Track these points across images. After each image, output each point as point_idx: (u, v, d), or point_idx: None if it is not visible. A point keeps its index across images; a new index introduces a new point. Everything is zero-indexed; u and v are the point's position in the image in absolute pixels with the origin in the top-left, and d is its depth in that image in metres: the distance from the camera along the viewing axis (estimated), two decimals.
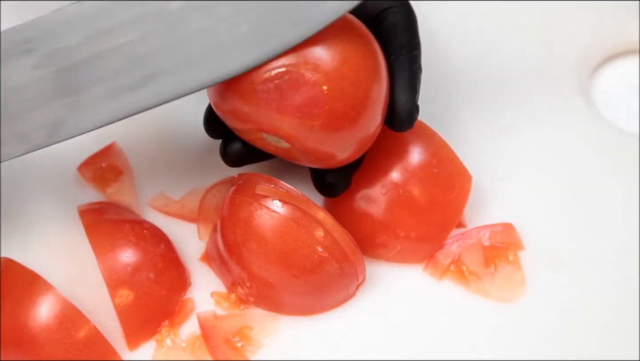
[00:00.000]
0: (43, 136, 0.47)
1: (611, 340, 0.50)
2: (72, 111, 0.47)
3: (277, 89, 0.46)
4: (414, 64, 0.50)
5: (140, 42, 0.46)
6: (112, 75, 0.46)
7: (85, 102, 0.47)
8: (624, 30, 0.63)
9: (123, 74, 0.46)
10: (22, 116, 0.47)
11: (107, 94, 0.47)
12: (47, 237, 0.54)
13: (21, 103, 0.46)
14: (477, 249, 0.53)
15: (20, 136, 0.47)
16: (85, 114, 0.47)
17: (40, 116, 0.47)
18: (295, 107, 0.46)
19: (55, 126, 0.47)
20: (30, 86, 0.46)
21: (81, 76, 0.46)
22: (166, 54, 0.46)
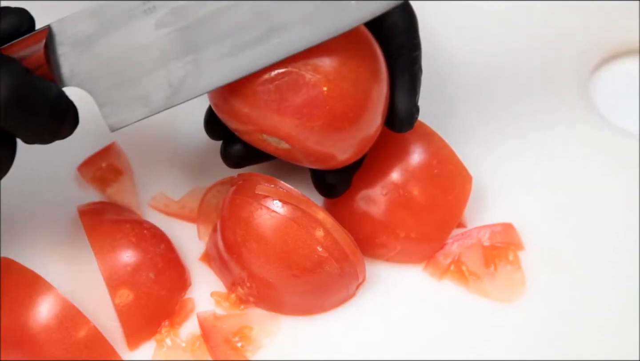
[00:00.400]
0: (163, 98, 0.46)
1: (611, 340, 0.50)
2: (193, 70, 0.46)
3: (277, 90, 0.46)
4: (414, 65, 0.50)
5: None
6: (233, 31, 0.46)
7: (206, 60, 0.46)
8: (624, 30, 0.63)
9: (244, 29, 0.46)
10: (144, 78, 0.46)
11: (229, 51, 0.46)
12: (47, 237, 0.54)
13: (143, 65, 0.46)
14: (477, 249, 0.53)
15: (141, 99, 0.46)
16: (206, 73, 0.46)
17: (161, 77, 0.46)
18: (296, 108, 0.46)
19: (177, 86, 0.46)
20: (152, 47, 0.46)
21: (202, 33, 0.46)
22: (288, 6, 0.45)
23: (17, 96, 0.42)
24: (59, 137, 0.46)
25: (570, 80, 0.61)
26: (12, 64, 0.43)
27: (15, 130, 0.44)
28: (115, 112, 0.47)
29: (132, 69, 0.46)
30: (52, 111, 0.44)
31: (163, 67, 0.46)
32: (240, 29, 0.46)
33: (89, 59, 0.46)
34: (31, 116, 0.44)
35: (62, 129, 0.46)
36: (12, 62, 0.43)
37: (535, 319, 0.51)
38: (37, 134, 0.45)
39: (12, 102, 0.42)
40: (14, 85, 0.42)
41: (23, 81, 0.43)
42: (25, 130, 0.44)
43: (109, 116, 0.47)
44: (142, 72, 0.46)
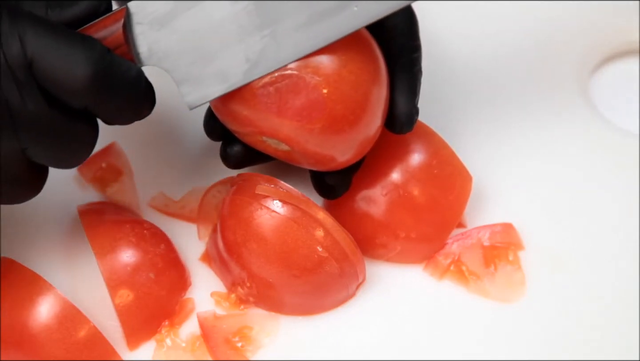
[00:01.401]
0: (242, 72, 0.47)
1: (611, 340, 0.50)
2: (270, 43, 0.46)
3: (277, 93, 0.46)
4: (415, 67, 0.50)
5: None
6: (309, 2, 0.45)
7: (283, 32, 0.46)
8: (624, 30, 0.63)
9: None
10: (221, 53, 0.46)
11: (305, 21, 0.46)
12: (47, 237, 0.54)
13: (220, 40, 0.46)
14: (477, 249, 0.53)
15: (219, 75, 0.47)
16: (284, 45, 0.46)
17: (239, 52, 0.46)
18: (295, 110, 0.46)
19: (254, 60, 0.46)
20: (229, 21, 0.46)
21: (279, 5, 0.46)
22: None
23: (100, 74, 0.43)
24: (139, 117, 0.46)
25: (570, 80, 0.61)
26: (94, 44, 0.43)
27: (97, 109, 0.44)
28: (194, 89, 0.47)
29: (209, 44, 0.46)
30: (133, 90, 0.45)
31: (240, 42, 0.46)
32: None
33: (166, 37, 0.46)
34: (113, 94, 0.44)
35: (142, 109, 0.46)
36: (92, 41, 0.43)
37: (535, 319, 0.51)
38: (118, 113, 0.45)
39: (95, 80, 0.43)
40: (97, 64, 0.43)
41: (105, 60, 0.43)
42: (107, 109, 0.45)
43: (188, 94, 0.47)
44: (219, 47, 0.46)
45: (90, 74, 0.42)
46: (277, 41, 0.46)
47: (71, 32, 0.43)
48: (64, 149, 0.45)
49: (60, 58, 0.42)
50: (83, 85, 0.43)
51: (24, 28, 0.42)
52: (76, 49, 0.42)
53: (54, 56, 0.42)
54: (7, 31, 0.42)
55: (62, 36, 0.43)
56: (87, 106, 0.44)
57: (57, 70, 0.42)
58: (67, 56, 0.42)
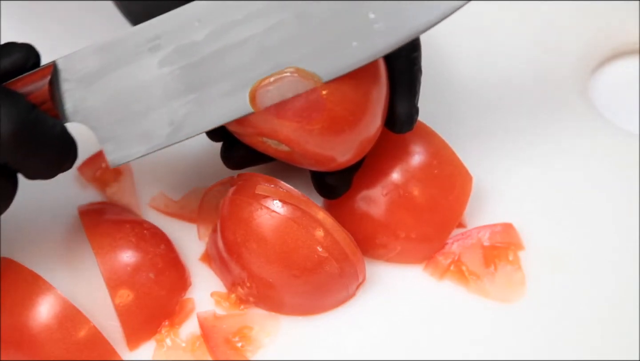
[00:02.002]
0: (165, 135, 0.47)
1: (611, 340, 0.50)
2: (195, 108, 0.46)
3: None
4: (414, 66, 0.50)
5: (265, 35, 0.46)
6: (237, 69, 0.46)
7: (209, 98, 0.46)
8: (624, 30, 0.63)
9: (248, 68, 0.46)
10: (146, 115, 0.46)
11: (231, 89, 0.46)
12: (47, 237, 0.54)
13: (146, 102, 0.46)
14: (477, 249, 0.53)
15: (143, 135, 0.47)
16: (208, 110, 0.46)
17: (163, 115, 0.46)
18: (295, 111, 0.46)
19: (178, 124, 0.46)
20: (155, 84, 0.46)
21: (205, 71, 0.46)
22: (292, 46, 0.46)
23: (22, 132, 0.43)
24: (60, 172, 0.46)
25: (570, 80, 0.61)
26: (17, 99, 0.43)
27: (18, 165, 0.44)
28: (117, 148, 0.47)
29: (135, 106, 0.46)
30: (55, 148, 0.45)
31: (165, 105, 0.46)
32: (244, 68, 0.46)
33: (93, 95, 0.46)
34: (35, 152, 0.44)
35: (63, 165, 0.46)
36: (17, 97, 0.43)
37: (535, 319, 0.51)
38: (40, 169, 0.45)
39: (16, 138, 0.43)
40: (19, 120, 0.43)
41: (28, 117, 0.43)
42: (29, 166, 0.45)
43: (111, 152, 0.47)
44: (144, 109, 0.46)
45: (11, 131, 0.42)
46: (201, 107, 0.46)
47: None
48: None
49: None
50: (4, 142, 0.42)
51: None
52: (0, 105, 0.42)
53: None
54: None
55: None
56: (8, 161, 0.44)
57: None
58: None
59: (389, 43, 0.46)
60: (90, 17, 0.66)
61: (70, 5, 0.67)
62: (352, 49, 0.46)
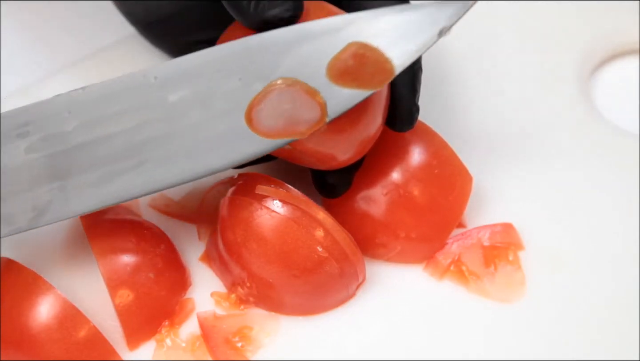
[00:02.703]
0: (27, 219, 0.47)
1: (611, 340, 0.50)
2: (59, 195, 0.47)
3: None
4: (415, 65, 0.50)
5: (134, 132, 0.46)
6: (103, 162, 0.47)
7: (73, 187, 0.47)
8: (624, 30, 0.63)
9: (114, 161, 0.47)
10: (10, 198, 0.47)
11: (96, 180, 0.47)
12: (47, 237, 0.54)
13: (10, 185, 0.47)
14: (477, 249, 0.53)
15: (6, 217, 0.47)
16: (72, 199, 0.47)
17: (27, 199, 0.47)
18: None
19: (41, 209, 0.47)
20: (21, 169, 0.47)
21: (72, 161, 0.47)
22: (160, 144, 0.47)
23: None
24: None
25: (570, 80, 0.61)
26: None
27: None
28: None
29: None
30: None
31: (29, 190, 0.47)
32: (110, 160, 0.47)
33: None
34: None
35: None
36: None
37: (535, 319, 0.51)
38: None
39: None
40: None
41: None
42: None
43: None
44: (8, 192, 0.47)
45: None
46: (65, 195, 0.47)
47: None
48: None
49: None
50: None
51: None
52: None
53: None
54: None
55: None
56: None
57: None
58: None
59: (259, 150, 0.47)
60: (91, 18, 0.66)
61: (70, 5, 0.67)
62: (219, 153, 0.47)
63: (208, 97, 0.46)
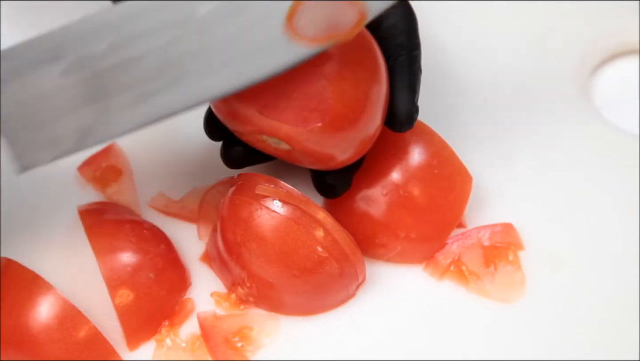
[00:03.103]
0: (72, 142, 0.47)
1: (611, 340, 0.50)
2: (100, 117, 0.46)
3: None
4: (414, 65, 0.50)
5: (167, 48, 0.46)
6: (139, 81, 0.46)
7: (113, 108, 0.46)
8: (624, 30, 0.63)
9: (150, 80, 0.46)
10: (51, 122, 0.46)
11: (135, 100, 0.46)
12: (47, 237, 0.54)
13: (50, 110, 0.46)
14: (477, 249, 0.53)
15: (50, 142, 0.47)
16: (114, 120, 0.46)
17: (69, 123, 0.46)
18: (296, 109, 0.46)
19: (84, 132, 0.46)
20: (58, 93, 0.46)
21: (108, 82, 0.46)
22: (194, 59, 0.46)
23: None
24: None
25: (570, 80, 0.61)
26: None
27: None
28: (24, 154, 0.47)
29: (40, 113, 0.46)
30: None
31: (69, 113, 0.46)
32: (146, 79, 0.46)
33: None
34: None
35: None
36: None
37: (535, 319, 0.51)
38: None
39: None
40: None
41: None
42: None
43: (19, 158, 0.47)
44: (50, 116, 0.46)
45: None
46: (105, 116, 0.46)
47: None
48: None
49: None
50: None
51: None
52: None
53: None
54: None
55: None
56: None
57: None
58: None
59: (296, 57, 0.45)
60: None
61: (70, 5, 0.67)
62: (256, 63, 0.46)
63: (242, 6, 0.45)
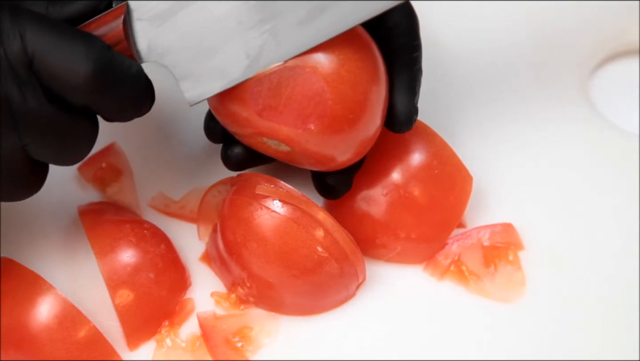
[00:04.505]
0: (242, 68, 0.47)
1: (611, 340, 0.50)
2: (269, 39, 0.46)
3: None
4: (414, 66, 0.50)
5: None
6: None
7: (282, 28, 0.46)
8: (624, 30, 0.63)
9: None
10: (221, 49, 0.46)
11: (304, 17, 0.46)
12: (47, 237, 0.54)
13: (220, 36, 0.46)
14: (477, 249, 0.53)
15: (220, 71, 0.47)
16: (283, 40, 0.46)
17: (239, 48, 0.46)
18: (295, 110, 0.46)
19: (254, 56, 0.46)
20: (228, 17, 0.46)
21: (277, 1, 0.46)
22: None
23: (100, 71, 0.43)
24: (139, 114, 0.46)
25: (570, 80, 0.61)
26: (94, 40, 0.43)
27: (98, 106, 0.44)
28: (194, 85, 0.47)
29: (209, 40, 0.46)
30: (133, 87, 0.45)
31: (240, 37, 0.46)
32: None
33: (166, 33, 0.46)
34: (114, 91, 0.44)
35: (142, 106, 0.46)
36: (93, 38, 0.43)
37: (535, 319, 0.51)
38: (119, 110, 0.45)
39: (96, 78, 0.43)
40: (98, 60, 0.43)
41: (106, 57, 0.43)
42: (108, 106, 0.45)
43: (189, 90, 0.47)
44: (219, 43, 0.46)
45: (91, 71, 0.42)
46: (276, 37, 0.46)
47: (72, 29, 0.43)
48: (65, 146, 0.45)
49: (61, 55, 0.42)
50: (84, 82, 0.43)
51: (25, 26, 0.42)
52: (77, 46, 0.43)
53: (54, 54, 0.42)
54: (8, 29, 0.42)
55: (63, 33, 0.43)
56: (88, 103, 0.44)
57: (58, 67, 0.42)
58: (67, 54, 0.42)
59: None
60: None
61: None
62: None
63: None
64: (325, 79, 0.46)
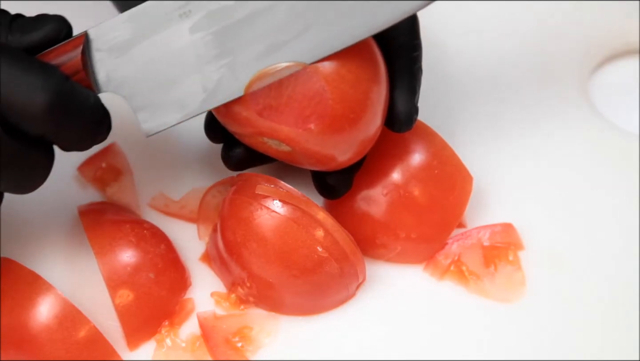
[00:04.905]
0: (199, 102, 0.47)
1: (611, 340, 0.50)
2: (227, 73, 0.46)
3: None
4: (415, 65, 0.50)
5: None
6: (268, 32, 0.46)
7: (241, 62, 0.46)
8: (624, 30, 0.63)
9: (278, 31, 0.46)
10: (179, 82, 0.46)
11: (263, 52, 0.46)
12: (47, 237, 0.54)
13: (178, 69, 0.46)
14: (477, 249, 0.53)
15: (177, 103, 0.47)
16: (241, 75, 0.46)
17: (197, 81, 0.46)
18: (296, 110, 0.46)
19: (211, 90, 0.46)
20: (187, 51, 0.46)
21: (237, 36, 0.46)
22: (323, 7, 0.45)
23: (58, 102, 0.42)
24: (95, 143, 0.46)
25: (570, 80, 0.61)
26: (53, 70, 0.43)
27: (54, 136, 0.44)
28: (151, 116, 0.47)
29: (167, 73, 0.46)
30: (90, 118, 0.45)
31: (198, 71, 0.46)
32: (275, 30, 0.46)
33: (125, 64, 0.46)
34: (70, 122, 0.44)
35: (99, 135, 0.46)
36: (51, 68, 0.43)
37: (535, 319, 0.51)
38: (76, 140, 0.45)
39: (54, 108, 0.42)
40: (55, 91, 0.42)
41: (64, 88, 0.43)
42: (64, 137, 0.44)
43: (145, 121, 0.47)
44: (177, 76, 0.46)
45: (48, 102, 0.42)
46: (234, 71, 0.46)
47: (30, 59, 0.43)
48: (20, 176, 0.45)
49: (18, 85, 0.42)
50: (41, 113, 0.42)
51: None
52: (35, 76, 0.42)
53: (12, 83, 0.42)
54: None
55: (21, 63, 0.42)
56: (45, 133, 0.44)
57: (15, 97, 0.42)
58: (25, 84, 0.42)
59: None
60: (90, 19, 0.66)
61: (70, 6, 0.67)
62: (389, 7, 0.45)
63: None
64: (326, 78, 0.46)
